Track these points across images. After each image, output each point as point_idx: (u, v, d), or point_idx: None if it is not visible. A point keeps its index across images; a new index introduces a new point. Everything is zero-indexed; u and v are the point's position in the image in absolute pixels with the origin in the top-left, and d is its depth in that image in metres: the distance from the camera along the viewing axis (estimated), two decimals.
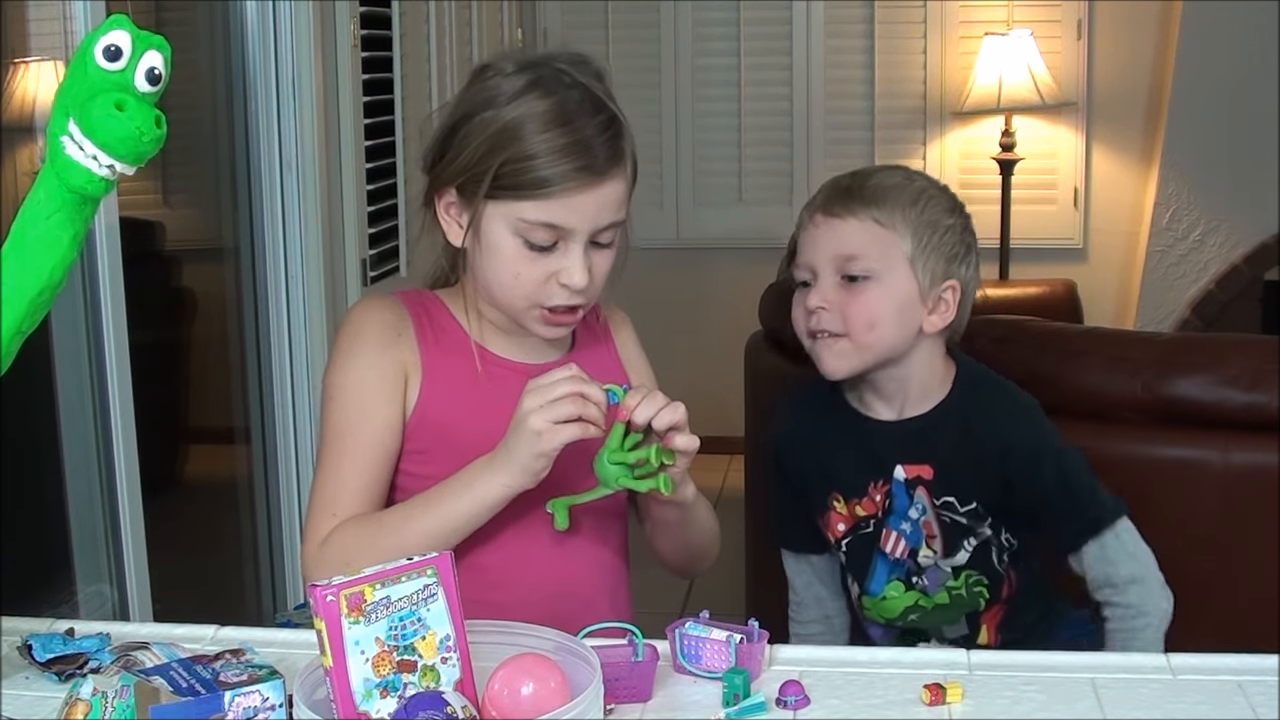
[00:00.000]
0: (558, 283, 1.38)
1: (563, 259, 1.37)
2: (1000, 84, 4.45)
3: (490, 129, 1.36)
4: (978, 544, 1.62)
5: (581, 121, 1.36)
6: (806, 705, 1.20)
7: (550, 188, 1.34)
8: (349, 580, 1.07)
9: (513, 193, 1.36)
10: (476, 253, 1.41)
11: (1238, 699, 1.20)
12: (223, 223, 3.09)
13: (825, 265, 1.60)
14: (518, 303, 1.40)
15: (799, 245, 1.64)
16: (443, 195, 1.42)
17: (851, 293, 1.59)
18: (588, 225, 1.37)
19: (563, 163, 1.34)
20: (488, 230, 1.39)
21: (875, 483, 1.64)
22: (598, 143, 1.36)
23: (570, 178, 1.35)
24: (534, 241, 1.37)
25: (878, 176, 1.64)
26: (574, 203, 1.35)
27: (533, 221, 1.36)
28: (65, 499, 2.32)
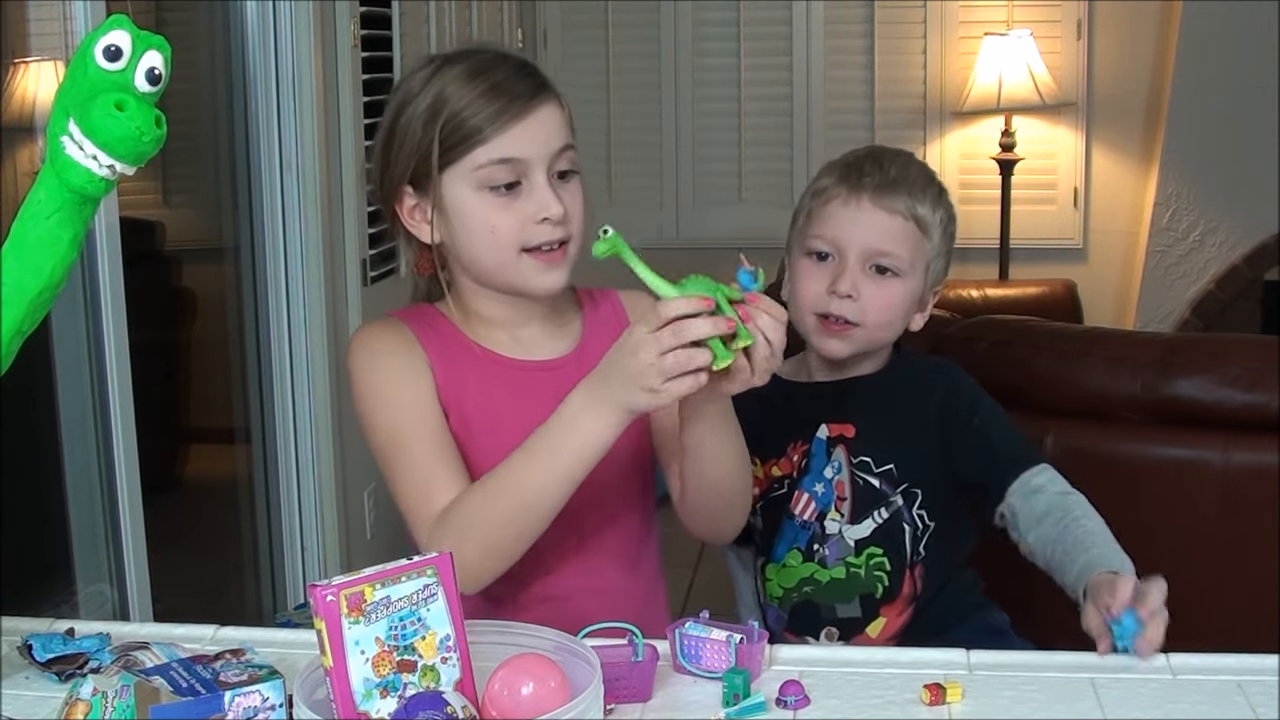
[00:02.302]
0: (535, 221, 1.39)
1: (531, 194, 1.39)
2: (1000, 84, 4.45)
3: (418, 114, 1.41)
4: (887, 517, 1.60)
5: (496, 68, 1.41)
6: (806, 705, 1.20)
7: (492, 125, 1.38)
8: (349, 580, 1.07)
9: (460, 149, 1.38)
10: (452, 233, 1.42)
11: (1238, 699, 1.20)
12: (223, 223, 3.09)
13: (856, 251, 1.59)
14: (504, 256, 1.40)
15: (827, 217, 1.61)
16: (401, 201, 1.44)
17: (878, 285, 1.59)
18: (540, 150, 1.39)
19: (494, 101, 1.38)
20: (453, 201, 1.40)
21: (795, 443, 1.64)
22: (517, 78, 1.41)
23: (506, 110, 1.38)
24: (497, 183, 1.39)
25: (913, 168, 1.64)
26: (516, 132, 1.38)
27: (487, 163, 1.38)
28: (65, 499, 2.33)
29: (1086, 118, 4.67)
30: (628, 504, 1.49)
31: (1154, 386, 2.17)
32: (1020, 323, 2.56)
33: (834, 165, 1.66)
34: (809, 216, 1.64)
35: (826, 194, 1.62)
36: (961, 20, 4.67)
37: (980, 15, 4.64)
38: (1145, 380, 2.18)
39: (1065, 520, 1.48)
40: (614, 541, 1.48)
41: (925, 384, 1.64)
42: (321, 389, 3.04)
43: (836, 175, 1.63)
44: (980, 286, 4.36)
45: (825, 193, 1.62)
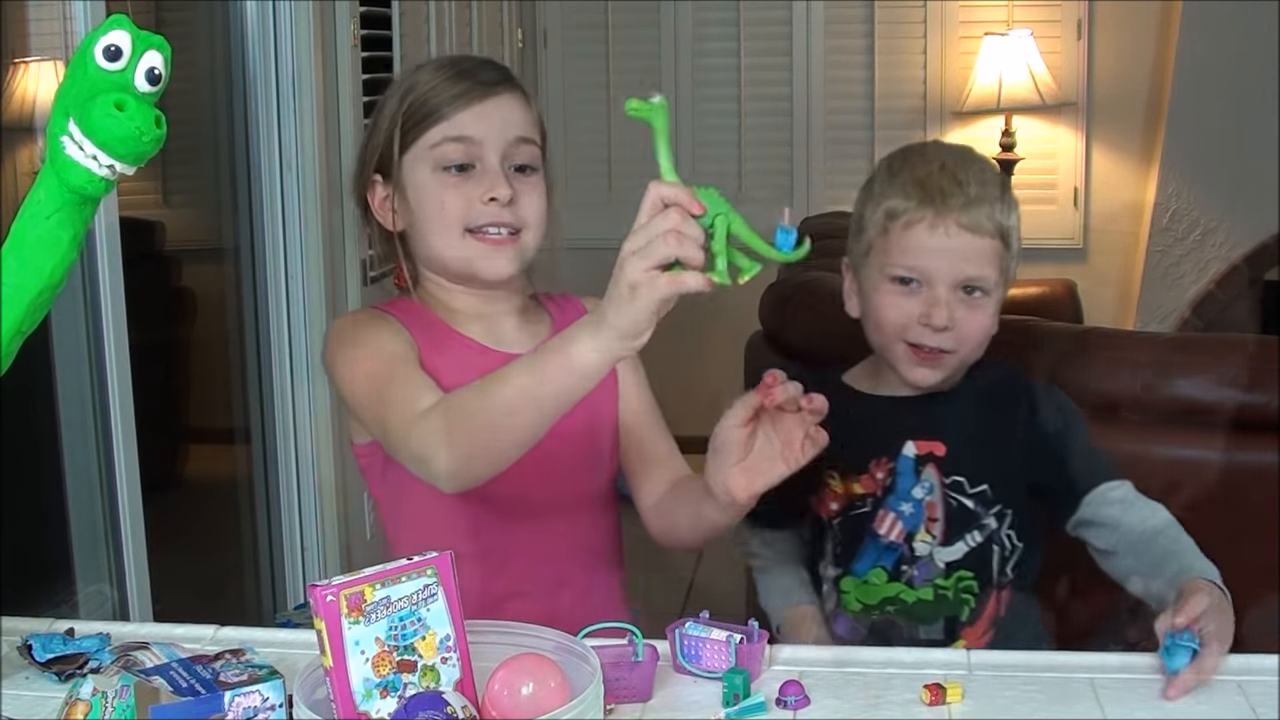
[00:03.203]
0: (481, 201, 1.42)
1: (482, 177, 1.43)
2: (1000, 84, 4.45)
3: (390, 103, 1.48)
4: (980, 540, 1.55)
5: (466, 61, 1.49)
6: (806, 705, 1.20)
7: (450, 105, 1.43)
8: (349, 580, 1.07)
9: (418, 128, 1.44)
10: (410, 218, 1.46)
11: (1238, 699, 1.20)
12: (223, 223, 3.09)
13: (947, 279, 1.52)
14: (451, 236, 1.44)
15: (912, 244, 1.52)
16: (373, 192, 1.49)
17: (969, 308, 1.53)
18: (494, 134, 1.43)
19: (456, 85, 1.44)
20: (411, 183, 1.45)
21: (878, 460, 1.57)
22: (482, 70, 1.47)
23: (464, 94, 1.44)
24: (450, 162, 1.43)
25: (987, 174, 1.56)
26: (474, 113, 1.43)
27: (442, 140, 1.43)
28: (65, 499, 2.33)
29: (1086, 118, 4.67)
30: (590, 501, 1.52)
31: (1154, 386, 2.17)
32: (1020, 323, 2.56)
33: (902, 177, 1.55)
34: (886, 239, 1.54)
35: (907, 217, 1.52)
36: (961, 20, 4.66)
37: (980, 15, 4.64)
38: (1145, 380, 2.18)
39: (1149, 533, 1.47)
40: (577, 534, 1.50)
41: (1010, 393, 1.60)
42: (321, 389, 3.04)
43: (915, 196, 1.52)
44: None
45: (905, 215, 1.53)
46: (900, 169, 1.57)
